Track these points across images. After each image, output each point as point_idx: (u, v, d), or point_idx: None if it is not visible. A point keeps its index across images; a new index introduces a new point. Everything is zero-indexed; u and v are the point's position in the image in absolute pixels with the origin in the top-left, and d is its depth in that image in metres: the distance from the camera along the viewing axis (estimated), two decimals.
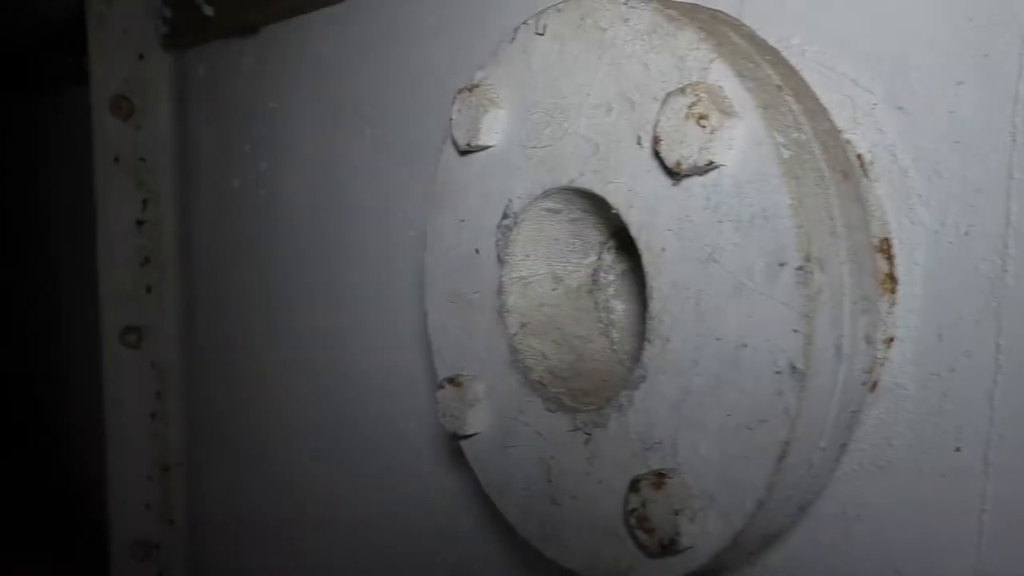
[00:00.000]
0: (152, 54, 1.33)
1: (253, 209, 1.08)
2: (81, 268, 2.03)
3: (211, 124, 1.21)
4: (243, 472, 1.20)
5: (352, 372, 0.86)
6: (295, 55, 0.93)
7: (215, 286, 1.25)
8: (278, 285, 1.03)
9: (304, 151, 0.93)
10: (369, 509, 0.85)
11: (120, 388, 1.39)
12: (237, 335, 1.18)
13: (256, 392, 1.12)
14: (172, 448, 1.42)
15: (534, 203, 0.45)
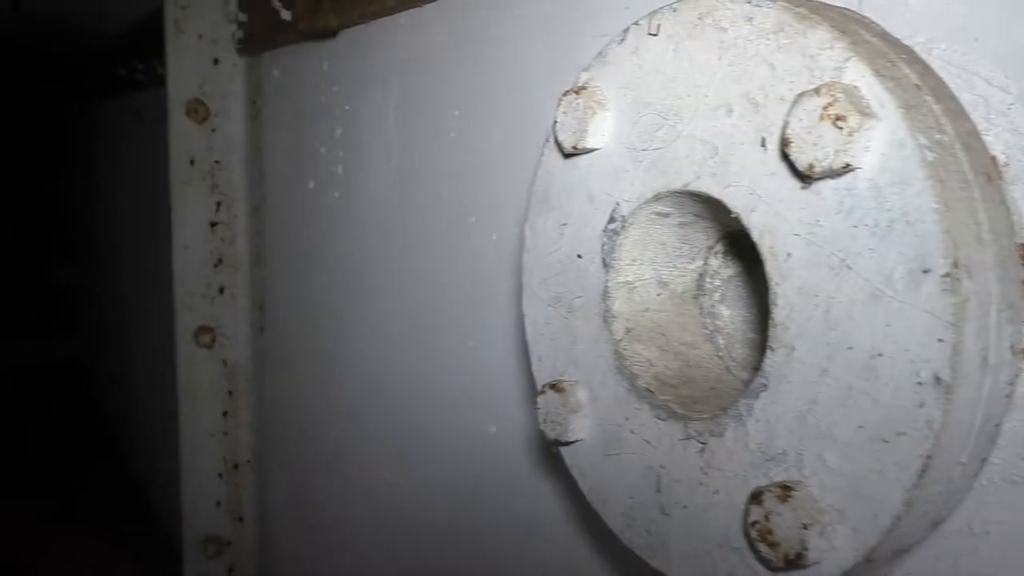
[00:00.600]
0: (226, 58, 1.35)
1: (328, 211, 1.08)
2: (146, 267, 2.07)
3: (285, 127, 1.22)
4: (313, 471, 1.21)
5: (431, 375, 0.86)
6: (375, 58, 0.94)
7: (287, 287, 1.26)
8: (353, 286, 1.03)
9: (383, 153, 0.93)
10: (447, 512, 0.85)
11: (193, 387, 1.41)
12: (309, 336, 1.19)
13: (329, 392, 1.13)
14: (242, 446, 1.44)
15: (643, 207, 0.44)
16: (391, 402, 0.96)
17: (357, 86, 0.99)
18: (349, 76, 1.01)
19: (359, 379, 1.04)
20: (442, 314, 0.85)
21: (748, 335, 0.48)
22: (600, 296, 0.46)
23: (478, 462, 0.79)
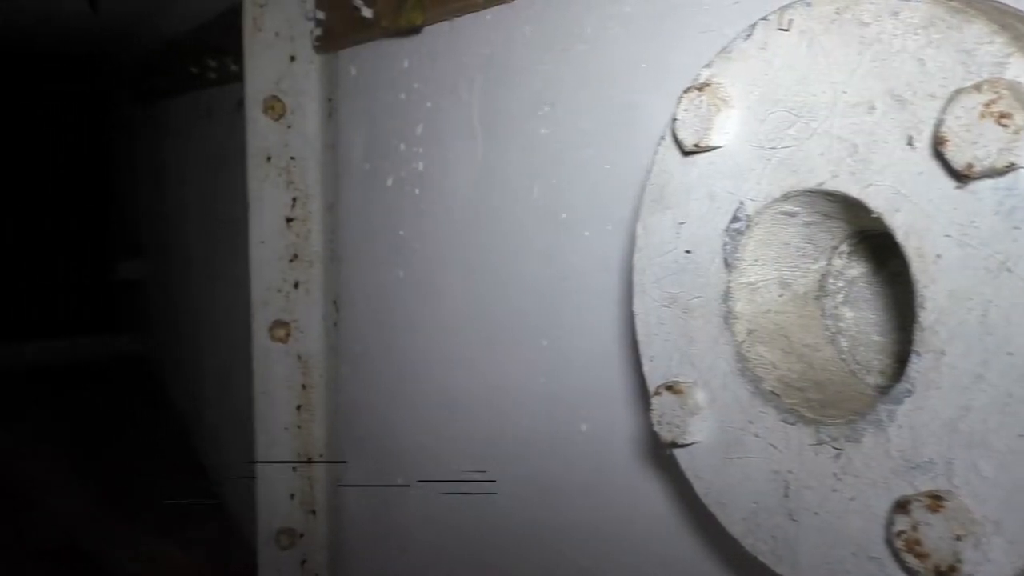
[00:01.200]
0: (302, 56, 1.36)
1: (407, 207, 1.09)
2: (213, 263, 2.11)
3: (363, 124, 1.23)
4: (387, 466, 1.22)
5: (513, 372, 0.86)
6: (459, 55, 0.94)
7: (363, 283, 1.27)
8: (430, 282, 1.04)
9: (467, 150, 0.93)
10: (531, 511, 0.85)
11: (269, 381, 1.43)
12: (384, 332, 1.20)
13: (404, 388, 1.14)
14: (315, 439, 1.46)
15: (771, 206, 0.43)
16: (471, 400, 0.96)
17: (440, 83, 0.99)
18: (431, 73, 1.01)
19: (436, 376, 1.05)
20: (524, 312, 0.84)
21: (873, 338, 0.47)
22: (721, 297, 0.46)
23: (566, 461, 0.78)
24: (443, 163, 0.99)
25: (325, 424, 1.45)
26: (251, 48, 1.35)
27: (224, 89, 1.98)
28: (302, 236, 1.41)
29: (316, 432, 1.46)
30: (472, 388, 0.95)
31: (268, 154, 1.38)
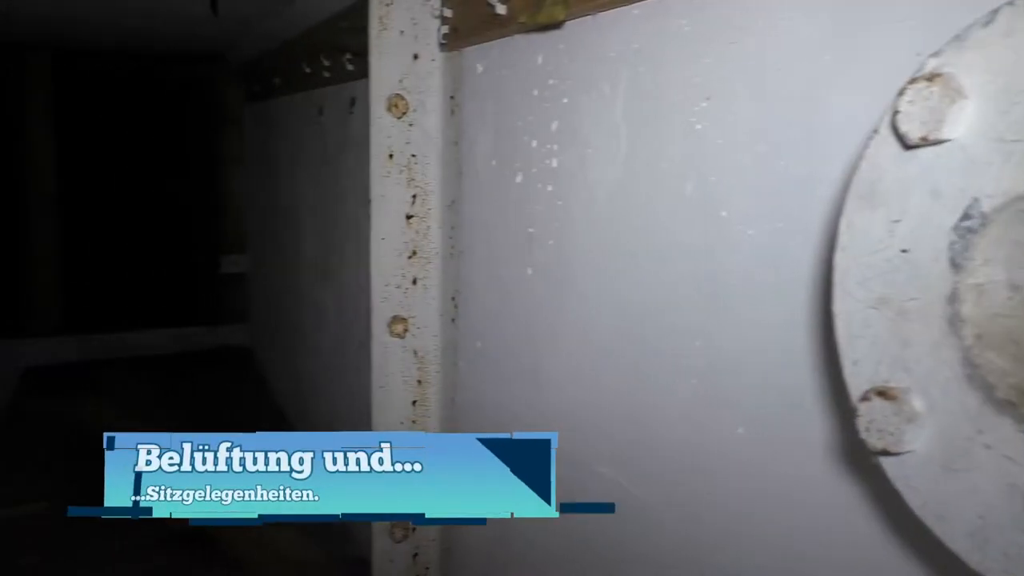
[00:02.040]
0: (425, 54, 1.37)
1: (539, 204, 1.08)
2: (320, 259, 2.14)
3: (489, 120, 1.23)
4: None
5: (663, 374, 0.84)
6: (603, 49, 0.92)
7: (485, 280, 1.27)
8: (566, 280, 1.03)
9: (609, 147, 0.92)
10: (676, 523, 0.83)
11: (386, 376, 1.45)
12: (509, 328, 1.20)
13: (531, 387, 1.13)
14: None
15: (1012, 203, 0.40)
16: (608, 400, 0.94)
17: (579, 78, 0.98)
18: (570, 69, 1.00)
19: (569, 375, 1.04)
20: (673, 311, 0.83)
21: None
22: (945, 298, 0.43)
23: (719, 465, 0.76)
24: (580, 160, 0.98)
25: (440, 420, 1.46)
26: (377, 47, 1.36)
27: (338, 88, 2.02)
28: (421, 233, 1.42)
29: (431, 427, 1.47)
30: (611, 389, 0.93)
31: (390, 151, 1.39)
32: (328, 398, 2.25)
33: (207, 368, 3.27)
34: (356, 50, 1.66)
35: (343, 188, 2.01)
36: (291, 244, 2.61)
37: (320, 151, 2.18)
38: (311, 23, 2.05)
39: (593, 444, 0.98)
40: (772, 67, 0.68)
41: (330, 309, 2.18)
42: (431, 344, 1.45)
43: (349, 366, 2.04)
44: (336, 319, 2.12)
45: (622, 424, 0.91)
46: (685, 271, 0.80)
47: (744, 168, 0.72)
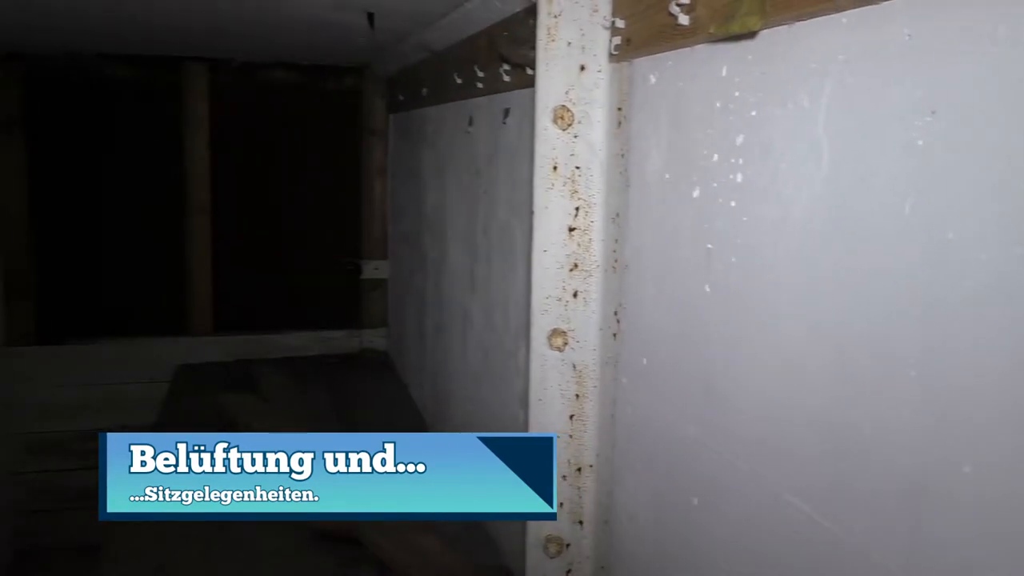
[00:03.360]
0: (592, 64, 1.36)
1: (720, 220, 1.05)
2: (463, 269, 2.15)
3: (662, 133, 1.20)
4: (680, 485, 1.18)
5: (870, 404, 0.80)
6: (803, 60, 0.89)
7: (654, 295, 1.24)
8: (753, 300, 0.99)
9: (808, 161, 0.88)
10: (884, 562, 0.78)
11: (544, 389, 1.44)
12: (682, 346, 1.16)
13: (708, 407, 1.09)
14: (586, 450, 1.45)
15: None
16: (804, 427, 0.90)
17: (771, 90, 0.94)
18: (760, 80, 0.97)
19: (755, 398, 0.99)
20: (884, 339, 0.78)
21: None
22: None
23: (942, 504, 0.71)
24: (772, 175, 0.94)
25: (597, 435, 1.44)
26: (544, 58, 1.36)
27: (489, 98, 2.04)
28: (583, 245, 1.41)
29: (587, 442, 1.45)
30: (804, 414, 0.89)
31: (554, 163, 1.38)
32: (471, 405, 2.27)
33: (347, 370, 3.36)
34: (516, 61, 1.66)
35: (493, 198, 2.02)
36: (435, 252, 2.65)
37: (469, 161, 2.20)
38: (466, 34, 2.07)
39: (780, 471, 0.93)
40: (1017, 78, 0.63)
41: (476, 317, 2.19)
42: (590, 358, 1.43)
43: (495, 375, 2.04)
44: (483, 327, 2.14)
45: (817, 452, 0.87)
46: (900, 295, 0.75)
47: (979, 188, 0.67)
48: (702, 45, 1.08)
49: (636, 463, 1.31)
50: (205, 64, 3.29)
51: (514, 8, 1.74)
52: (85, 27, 2.62)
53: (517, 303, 1.88)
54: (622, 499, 1.36)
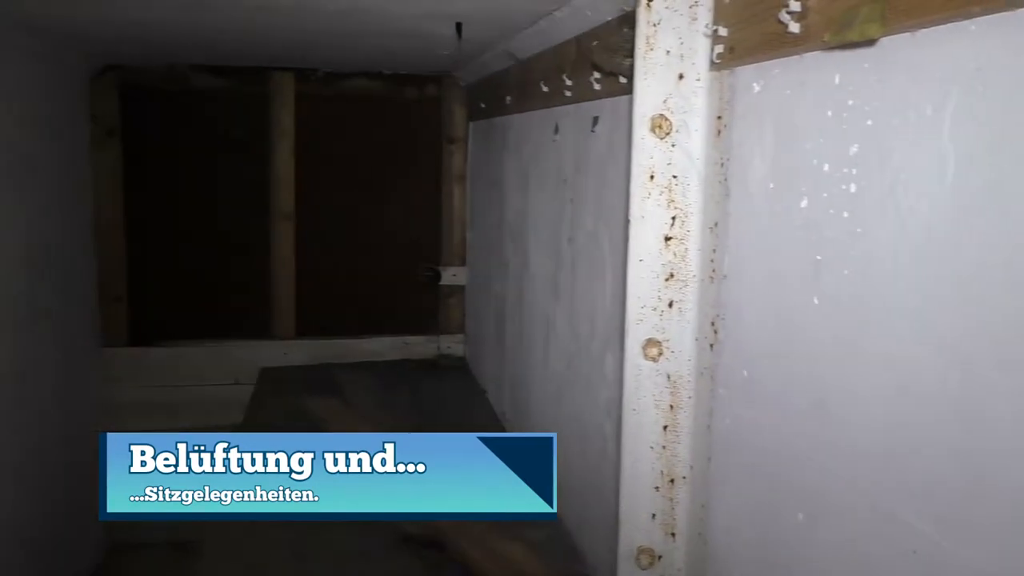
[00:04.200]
0: (691, 73, 1.35)
1: (831, 231, 1.03)
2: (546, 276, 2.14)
3: (767, 142, 1.19)
4: (783, 499, 1.16)
5: (1006, 418, 0.77)
6: (927, 68, 0.86)
7: (757, 306, 1.22)
8: (870, 313, 0.96)
9: (932, 172, 0.85)
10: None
11: (638, 400, 1.43)
12: (787, 359, 1.14)
13: (813, 423, 1.07)
14: (679, 461, 1.44)
15: None
16: (921, 445, 0.88)
17: (890, 99, 0.92)
18: (877, 88, 0.94)
19: (860, 414, 0.97)
20: (1019, 357, 0.75)
21: None
22: None
23: None
24: (890, 186, 0.92)
25: (691, 446, 1.42)
26: (642, 67, 1.36)
27: (577, 106, 2.04)
28: (679, 255, 1.40)
29: (681, 453, 1.44)
30: (928, 433, 0.86)
31: (651, 172, 1.38)
32: (553, 413, 2.27)
33: (426, 375, 3.39)
34: (609, 69, 1.66)
35: (580, 206, 2.02)
36: (517, 259, 2.66)
37: (555, 169, 2.21)
38: (553, 43, 2.07)
39: (897, 490, 0.91)
40: None
41: (560, 325, 2.19)
42: (685, 369, 1.42)
43: (579, 383, 2.04)
44: (567, 335, 2.13)
45: (940, 471, 0.85)
46: None
47: None
48: (812, 53, 1.06)
49: (735, 476, 1.29)
50: (291, 73, 3.37)
51: (605, 17, 1.74)
52: (179, 40, 2.71)
53: (604, 311, 1.88)
54: (719, 512, 1.34)
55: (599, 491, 1.90)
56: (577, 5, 1.83)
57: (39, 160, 2.76)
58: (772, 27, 1.09)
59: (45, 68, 2.80)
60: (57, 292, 2.91)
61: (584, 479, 2.02)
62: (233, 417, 3.08)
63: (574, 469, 2.11)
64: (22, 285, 2.60)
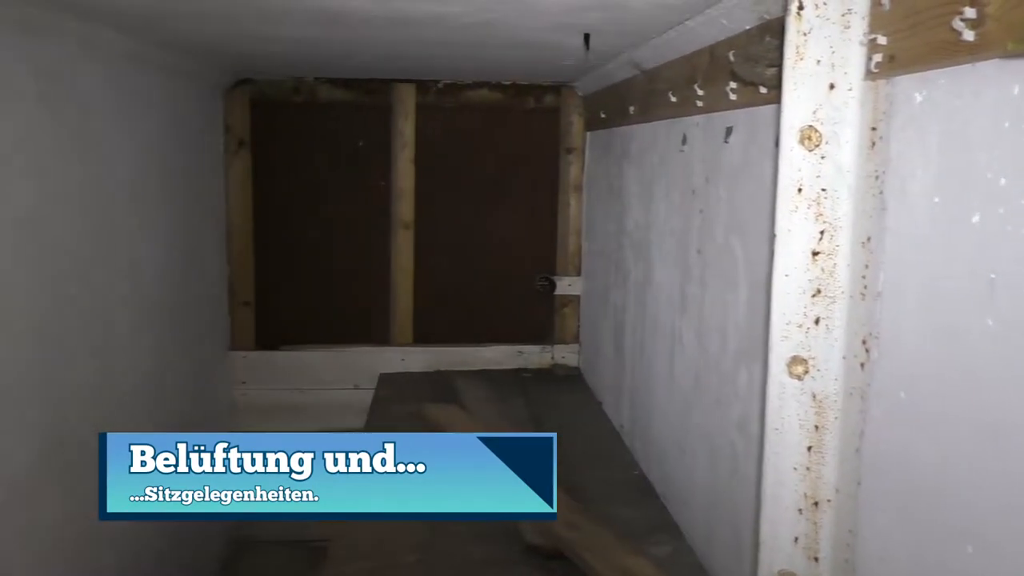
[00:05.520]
0: (842, 83, 1.31)
1: (1007, 248, 0.97)
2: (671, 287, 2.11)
3: (931, 154, 1.14)
4: (935, 528, 1.11)
5: None
6: None
7: (917, 325, 1.17)
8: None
9: None
10: None
11: (781, 418, 1.39)
12: (952, 382, 1.09)
13: (987, 450, 1.02)
14: (824, 483, 1.39)
15: None
16: None
17: None
18: None
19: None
20: None
21: None
22: None
23: None
24: None
25: (838, 468, 1.37)
26: (791, 77, 1.32)
27: (707, 116, 2.00)
28: (827, 271, 1.35)
29: (826, 475, 1.39)
30: None
31: (799, 185, 1.34)
32: (679, 428, 2.23)
33: (541, 385, 3.40)
34: (749, 79, 1.63)
35: (710, 218, 1.98)
36: (638, 270, 2.64)
37: (683, 179, 2.18)
38: (684, 52, 2.05)
39: None
40: None
41: (687, 338, 2.16)
42: (831, 388, 1.37)
43: (708, 398, 2.00)
44: (694, 349, 2.10)
45: None
46: None
47: None
48: (988, 62, 1.01)
49: (888, 501, 1.24)
50: (413, 85, 3.44)
51: (743, 25, 1.71)
52: (309, 55, 2.81)
53: (737, 326, 1.84)
54: (870, 539, 1.29)
55: (730, 509, 1.86)
56: (712, 14, 1.80)
57: (180, 170, 2.90)
58: (942, 35, 1.04)
59: (186, 83, 2.94)
60: (192, 296, 3.05)
61: (713, 496, 1.98)
62: (352, 421, 3.17)
63: (701, 485, 2.07)
64: (162, 289, 2.73)
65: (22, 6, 1.77)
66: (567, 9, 1.81)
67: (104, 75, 2.28)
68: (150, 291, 2.63)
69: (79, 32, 2.05)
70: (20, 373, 1.86)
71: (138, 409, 2.53)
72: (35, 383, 1.92)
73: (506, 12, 1.86)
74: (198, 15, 2.04)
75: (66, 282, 2.08)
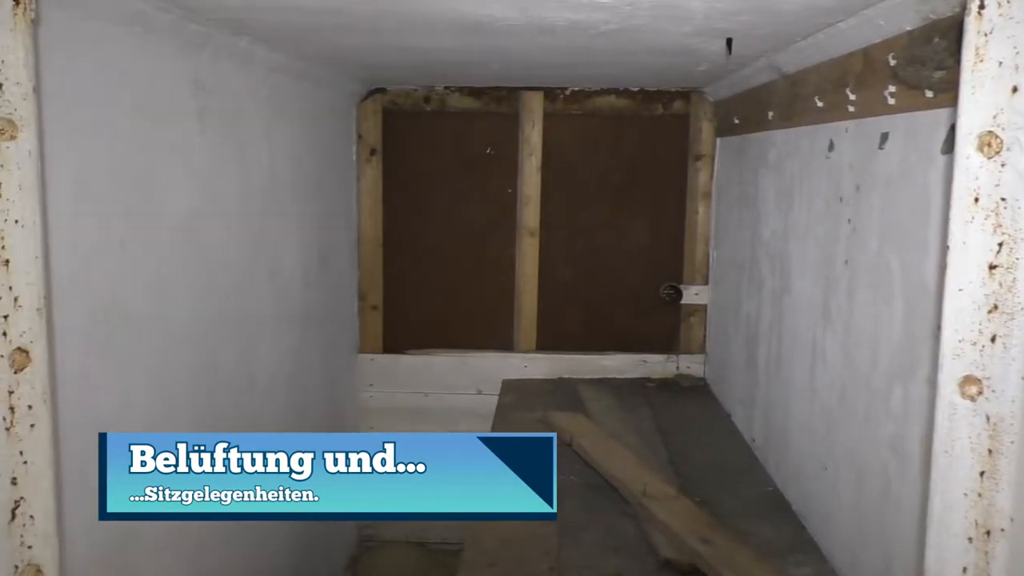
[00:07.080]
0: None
1: None
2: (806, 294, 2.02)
3: None
4: None
5: None
6: None
7: None
8: None
9: None
10: None
11: (952, 442, 1.31)
12: None
13: None
14: (997, 511, 1.31)
15: None
16: None
17: None
18: None
19: None
20: None
21: None
22: None
23: None
24: None
25: (1013, 496, 1.29)
26: (969, 80, 1.25)
27: (858, 122, 1.92)
28: (1005, 286, 1.27)
29: (1000, 503, 1.31)
30: None
31: (976, 195, 1.26)
32: (821, 444, 2.15)
33: (665, 394, 3.35)
34: (915, 82, 1.55)
35: (861, 228, 1.90)
36: (774, 279, 2.56)
37: (829, 187, 2.10)
38: (833, 55, 1.98)
39: None
40: None
41: (831, 352, 2.08)
42: (1008, 410, 1.29)
43: (856, 416, 1.92)
44: (840, 364, 2.02)
45: None
46: None
47: None
48: None
49: None
50: (540, 92, 3.45)
51: (903, 26, 1.63)
52: (440, 64, 2.85)
53: (891, 340, 1.75)
54: None
55: (879, 532, 1.78)
56: (868, 15, 1.72)
57: (316, 177, 2.99)
58: None
59: (323, 93, 3.03)
60: (325, 300, 3.14)
61: (859, 517, 1.90)
62: (475, 425, 3.19)
63: (845, 504, 1.99)
64: (299, 293, 2.82)
65: (186, 23, 1.86)
66: (715, 14, 1.77)
67: (249, 86, 2.37)
68: (289, 295, 2.72)
69: (230, 46, 2.14)
70: (175, 375, 1.95)
71: (276, 411, 2.62)
72: (185, 385, 2.00)
73: (651, 18, 1.83)
74: (343, 27, 2.09)
75: (219, 287, 2.17)
